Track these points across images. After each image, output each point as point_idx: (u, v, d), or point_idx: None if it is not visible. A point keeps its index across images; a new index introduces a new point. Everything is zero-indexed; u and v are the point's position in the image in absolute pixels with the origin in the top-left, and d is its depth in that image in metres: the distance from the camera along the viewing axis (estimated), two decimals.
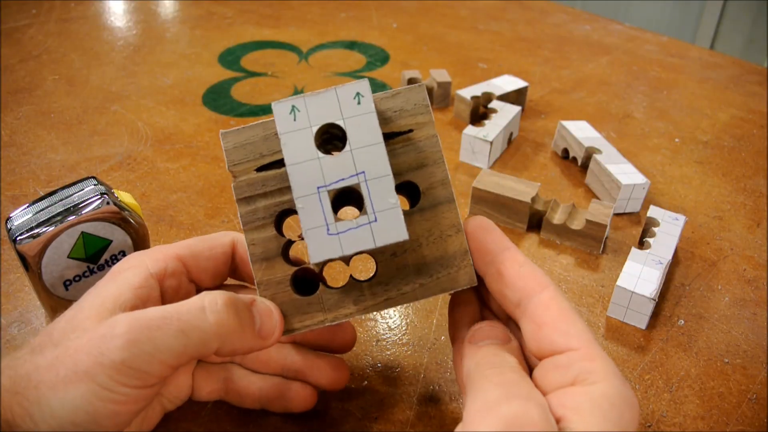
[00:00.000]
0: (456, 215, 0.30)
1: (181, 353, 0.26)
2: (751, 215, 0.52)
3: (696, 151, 0.61)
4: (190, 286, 0.32)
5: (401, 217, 0.27)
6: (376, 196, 0.27)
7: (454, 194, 0.30)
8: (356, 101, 0.28)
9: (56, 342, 0.26)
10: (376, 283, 0.30)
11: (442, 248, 0.30)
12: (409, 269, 0.30)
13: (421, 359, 0.37)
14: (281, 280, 0.30)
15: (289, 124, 0.28)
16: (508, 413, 0.22)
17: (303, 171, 0.28)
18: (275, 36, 0.85)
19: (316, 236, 0.27)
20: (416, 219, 0.30)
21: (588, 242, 0.47)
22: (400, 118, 0.30)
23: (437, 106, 0.67)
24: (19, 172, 0.54)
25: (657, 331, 0.40)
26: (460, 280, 0.29)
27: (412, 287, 0.30)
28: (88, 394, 0.24)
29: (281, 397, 0.32)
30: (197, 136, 0.60)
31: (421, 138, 0.30)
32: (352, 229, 0.27)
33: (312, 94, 0.28)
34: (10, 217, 0.35)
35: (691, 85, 0.76)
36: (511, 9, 0.99)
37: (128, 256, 0.30)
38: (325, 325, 0.30)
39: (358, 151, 0.28)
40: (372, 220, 0.27)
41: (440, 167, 0.30)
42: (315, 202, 0.28)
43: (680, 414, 0.35)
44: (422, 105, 0.30)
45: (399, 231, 0.27)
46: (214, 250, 0.32)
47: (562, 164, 0.58)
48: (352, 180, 0.28)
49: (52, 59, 0.75)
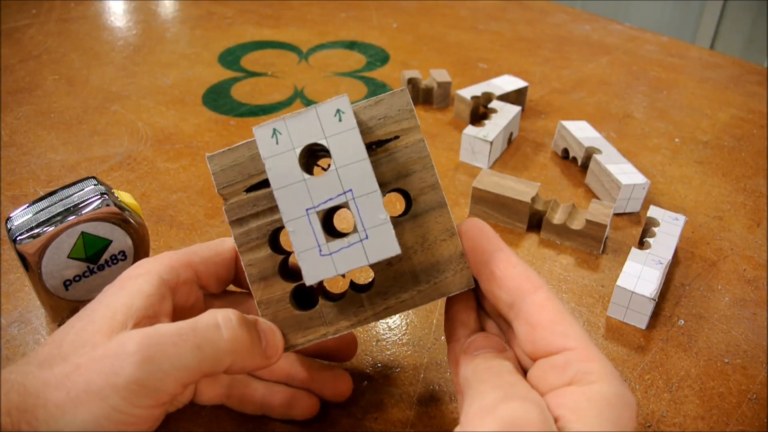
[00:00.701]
0: (449, 219, 0.29)
1: (195, 369, 0.25)
2: (751, 215, 0.52)
3: (696, 151, 0.61)
4: (200, 292, 0.32)
5: (392, 233, 0.27)
6: (365, 212, 0.27)
7: (445, 198, 0.30)
8: (337, 118, 0.28)
9: (65, 356, 0.25)
10: (374, 293, 0.30)
11: (438, 253, 0.29)
12: (407, 277, 0.30)
13: (421, 359, 0.37)
14: (281, 298, 0.30)
15: (272, 148, 0.28)
16: (506, 414, 0.22)
17: (290, 194, 0.28)
18: (275, 36, 0.85)
19: (310, 258, 0.27)
20: (409, 226, 0.29)
21: (588, 242, 0.47)
22: (385, 126, 0.29)
23: (437, 106, 0.67)
24: (19, 172, 0.54)
25: (657, 331, 0.40)
26: (457, 284, 0.30)
27: (411, 294, 0.30)
28: (98, 416, 0.24)
29: (284, 405, 0.32)
30: (197, 136, 0.60)
31: (408, 144, 0.29)
32: (344, 249, 0.27)
33: (292, 116, 0.28)
34: (10, 217, 0.35)
35: (691, 85, 0.76)
36: (511, 9, 0.99)
37: (138, 263, 0.30)
38: (327, 338, 0.30)
39: (343, 169, 0.28)
40: (363, 237, 0.27)
41: (429, 172, 0.29)
42: (305, 225, 0.28)
43: (680, 414, 0.35)
44: (406, 110, 0.29)
45: (391, 246, 0.27)
46: (220, 256, 0.32)
47: (562, 164, 0.58)
48: (340, 199, 0.28)
49: (52, 59, 0.75)
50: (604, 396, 0.23)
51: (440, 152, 0.59)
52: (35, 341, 0.38)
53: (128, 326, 0.26)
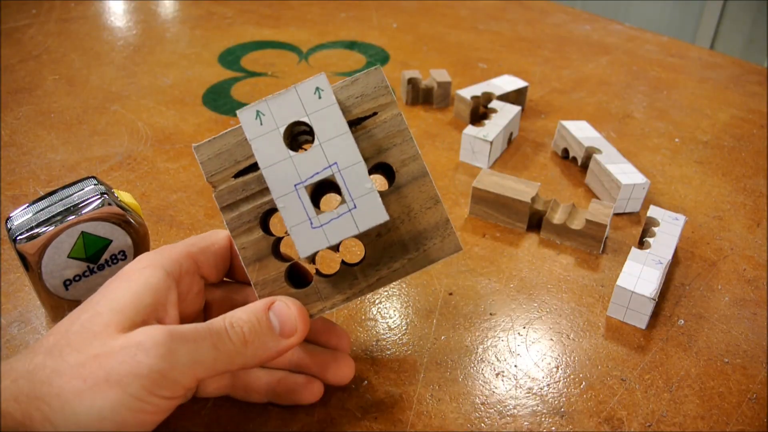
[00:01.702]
0: (432, 187, 0.31)
1: (210, 367, 0.27)
2: (751, 215, 0.52)
3: (696, 151, 0.61)
4: (201, 282, 0.32)
5: (379, 200, 0.28)
6: (352, 183, 0.28)
7: (426, 168, 0.31)
8: (317, 96, 0.29)
9: (77, 347, 0.25)
10: (366, 265, 0.31)
11: (424, 221, 0.31)
12: (396, 247, 0.31)
13: (421, 359, 0.37)
14: (276, 277, 0.31)
15: (256, 129, 0.29)
16: None
17: (278, 171, 0.29)
18: (275, 36, 0.85)
19: (301, 231, 0.29)
20: (394, 198, 0.31)
21: (588, 242, 0.47)
22: (362, 104, 0.30)
23: (437, 106, 0.67)
24: (19, 172, 0.54)
25: (657, 331, 0.40)
26: (445, 249, 0.31)
27: (402, 263, 0.31)
28: (117, 403, 0.24)
29: (289, 391, 0.33)
30: (197, 136, 0.60)
31: (387, 119, 0.30)
32: (334, 219, 0.29)
33: (273, 97, 0.29)
34: (10, 217, 0.35)
35: (691, 85, 0.76)
36: (511, 9, 0.99)
37: (140, 257, 0.30)
38: (325, 312, 0.31)
39: (327, 143, 0.29)
40: (351, 207, 0.29)
41: (409, 144, 0.30)
42: (295, 200, 0.29)
43: (680, 414, 0.35)
44: (382, 87, 0.30)
45: (379, 213, 0.29)
46: (216, 245, 0.32)
47: (562, 164, 0.58)
48: (327, 172, 0.29)
49: (52, 59, 0.75)
50: None
51: (440, 152, 0.59)
52: (35, 341, 0.38)
53: (138, 318, 0.27)
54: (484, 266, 0.45)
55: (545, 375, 0.37)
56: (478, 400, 0.35)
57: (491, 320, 0.41)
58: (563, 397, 0.36)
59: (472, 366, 0.37)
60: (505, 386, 0.36)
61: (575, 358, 0.38)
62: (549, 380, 0.37)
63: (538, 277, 0.45)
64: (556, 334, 0.40)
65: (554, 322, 0.41)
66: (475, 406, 0.35)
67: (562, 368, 0.37)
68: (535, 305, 0.42)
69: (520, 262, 0.46)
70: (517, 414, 0.34)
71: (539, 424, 0.34)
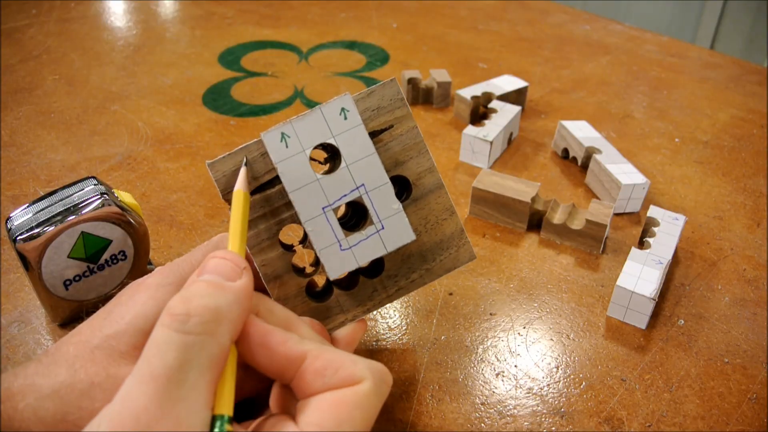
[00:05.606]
0: (447, 199, 0.31)
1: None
2: (751, 215, 0.52)
3: (696, 151, 0.61)
4: None
5: (406, 220, 0.29)
6: (379, 204, 0.29)
7: (442, 179, 0.31)
8: (342, 116, 0.28)
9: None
10: (386, 277, 0.31)
11: (440, 232, 0.31)
12: (414, 258, 0.31)
13: (421, 359, 0.37)
14: (297, 293, 0.31)
15: (282, 152, 0.28)
16: None
17: (306, 195, 0.28)
18: (275, 36, 0.85)
19: (331, 254, 0.29)
20: (412, 210, 0.31)
21: (588, 242, 0.47)
22: (379, 117, 0.30)
23: (437, 106, 0.67)
24: (19, 172, 0.54)
25: (657, 331, 0.40)
26: (461, 258, 0.32)
27: (419, 273, 0.32)
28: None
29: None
30: (197, 136, 0.60)
31: (403, 132, 0.30)
32: (362, 241, 0.29)
33: (298, 118, 0.28)
34: (10, 217, 0.35)
35: (691, 85, 0.76)
36: (511, 9, 0.99)
37: (160, 269, 0.29)
38: (347, 323, 0.32)
39: (353, 165, 0.29)
40: (380, 228, 0.29)
41: (425, 156, 0.31)
42: (323, 223, 0.29)
43: (680, 414, 0.35)
44: (397, 99, 0.30)
45: (406, 233, 0.29)
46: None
47: (562, 164, 0.58)
48: (354, 194, 0.29)
49: (52, 59, 0.75)
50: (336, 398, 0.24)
51: (440, 152, 0.59)
52: (35, 341, 0.38)
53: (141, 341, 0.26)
54: (484, 266, 0.45)
55: (545, 375, 0.37)
56: (478, 400, 0.35)
57: (491, 320, 0.41)
58: (563, 397, 0.36)
59: (472, 366, 0.37)
60: (505, 386, 0.36)
61: (575, 358, 0.38)
62: (549, 380, 0.37)
63: (538, 277, 0.45)
64: (556, 334, 0.40)
65: (554, 322, 0.41)
66: (475, 406, 0.35)
67: (562, 368, 0.37)
68: (535, 305, 0.42)
69: (520, 262, 0.46)
70: (517, 414, 0.34)
71: (539, 424, 0.34)
